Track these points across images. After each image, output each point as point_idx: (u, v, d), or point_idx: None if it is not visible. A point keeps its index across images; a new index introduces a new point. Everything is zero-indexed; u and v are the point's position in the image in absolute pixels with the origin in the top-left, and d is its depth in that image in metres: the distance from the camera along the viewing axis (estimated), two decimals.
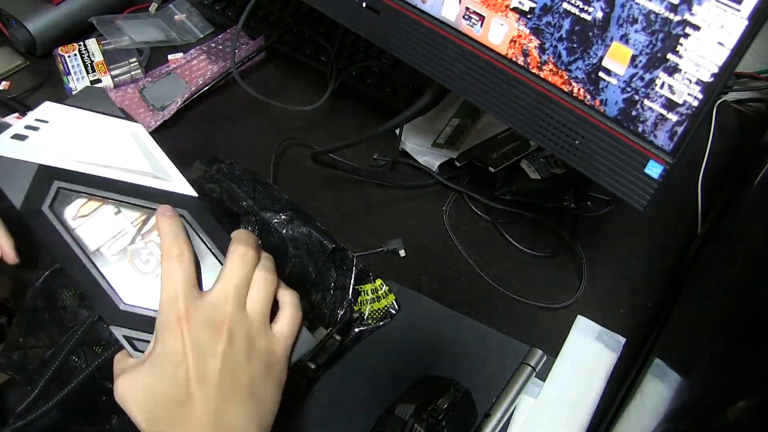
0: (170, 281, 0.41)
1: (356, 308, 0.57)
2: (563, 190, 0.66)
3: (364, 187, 0.69)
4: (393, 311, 0.58)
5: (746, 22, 0.34)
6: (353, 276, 0.58)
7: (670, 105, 0.39)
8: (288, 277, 0.57)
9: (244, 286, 0.42)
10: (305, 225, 0.58)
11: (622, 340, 0.59)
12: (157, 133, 0.71)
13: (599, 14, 0.39)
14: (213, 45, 0.81)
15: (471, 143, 0.71)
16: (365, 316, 0.57)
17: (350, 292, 0.57)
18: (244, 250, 0.43)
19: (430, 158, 0.70)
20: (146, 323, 0.42)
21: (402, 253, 0.63)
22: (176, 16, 0.84)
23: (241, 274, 0.42)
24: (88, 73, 0.75)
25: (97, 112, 0.49)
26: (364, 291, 0.58)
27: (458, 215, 0.68)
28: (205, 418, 0.38)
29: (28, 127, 0.46)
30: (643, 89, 0.40)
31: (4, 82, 0.76)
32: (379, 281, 0.59)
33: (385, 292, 0.59)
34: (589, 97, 0.43)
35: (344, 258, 0.59)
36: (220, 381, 0.39)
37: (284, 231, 0.58)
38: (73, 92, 0.73)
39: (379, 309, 0.58)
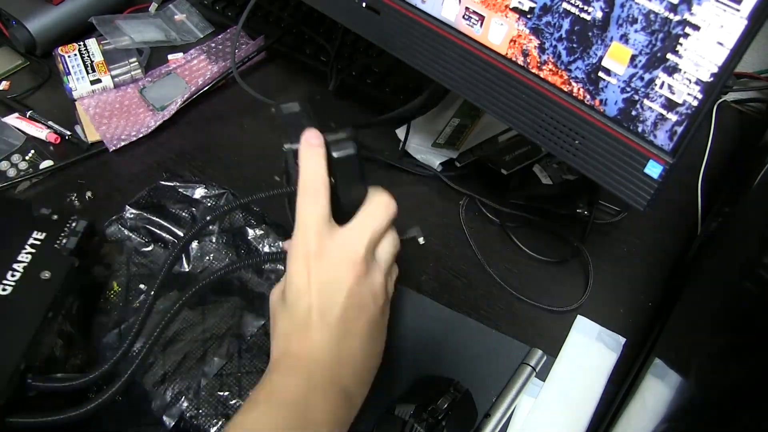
0: (304, 216, 0.41)
1: None
2: (575, 196, 0.66)
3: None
4: None
5: (746, 22, 0.34)
6: None
7: (670, 105, 0.39)
8: None
9: (381, 233, 0.42)
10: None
11: (622, 340, 0.59)
12: (157, 133, 0.71)
13: (599, 14, 0.39)
14: (213, 45, 0.81)
15: (471, 143, 0.71)
16: None
17: None
18: (389, 201, 0.43)
19: (430, 158, 0.70)
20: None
21: (421, 240, 0.62)
22: (176, 16, 0.84)
23: (382, 222, 0.42)
24: (88, 73, 0.75)
25: None
26: None
27: (459, 215, 0.68)
28: (324, 347, 0.39)
29: None
30: (642, 89, 0.40)
31: (4, 82, 0.76)
32: None
33: None
34: (588, 97, 0.42)
35: None
36: (342, 315, 0.40)
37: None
38: (73, 92, 0.73)
39: None
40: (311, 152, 0.42)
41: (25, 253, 0.51)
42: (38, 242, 0.52)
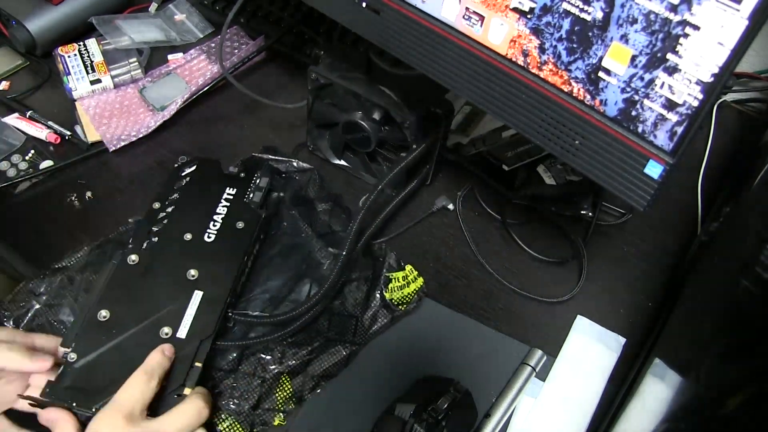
0: (131, 391, 0.46)
1: (387, 295, 0.59)
2: (579, 197, 0.66)
3: (354, 181, 0.69)
4: (423, 293, 0.60)
5: (746, 22, 0.34)
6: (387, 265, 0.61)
7: (670, 105, 0.39)
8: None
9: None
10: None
11: (622, 340, 0.59)
12: (157, 133, 0.71)
13: (599, 14, 0.39)
14: (213, 45, 0.81)
15: (482, 130, 0.72)
16: (395, 304, 0.59)
17: (381, 280, 0.60)
18: (202, 407, 0.47)
19: None
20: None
21: (451, 207, 0.67)
22: (176, 16, 0.84)
23: (186, 424, 0.46)
24: (87, 73, 0.75)
25: None
26: (395, 278, 0.60)
27: (461, 215, 0.68)
28: None
29: None
30: (642, 89, 0.40)
31: (4, 82, 0.76)
32: (408, 267, 0.61)
33: (414, 276, 0.61)
34: (588, 97, 0.43)
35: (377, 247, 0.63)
36: None
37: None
38: (73, 92, 0.73)
39: (409, 293, 0.60)
40: (160, 356, 0.48)
41: (221, 206, 0.60)
42: (231, 197, 0.61)
